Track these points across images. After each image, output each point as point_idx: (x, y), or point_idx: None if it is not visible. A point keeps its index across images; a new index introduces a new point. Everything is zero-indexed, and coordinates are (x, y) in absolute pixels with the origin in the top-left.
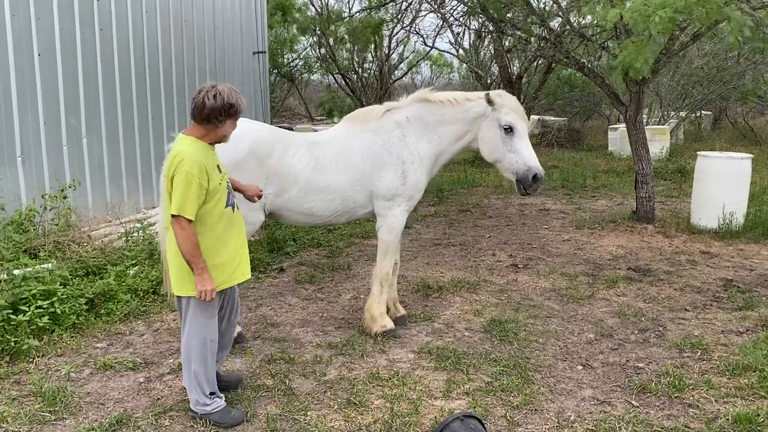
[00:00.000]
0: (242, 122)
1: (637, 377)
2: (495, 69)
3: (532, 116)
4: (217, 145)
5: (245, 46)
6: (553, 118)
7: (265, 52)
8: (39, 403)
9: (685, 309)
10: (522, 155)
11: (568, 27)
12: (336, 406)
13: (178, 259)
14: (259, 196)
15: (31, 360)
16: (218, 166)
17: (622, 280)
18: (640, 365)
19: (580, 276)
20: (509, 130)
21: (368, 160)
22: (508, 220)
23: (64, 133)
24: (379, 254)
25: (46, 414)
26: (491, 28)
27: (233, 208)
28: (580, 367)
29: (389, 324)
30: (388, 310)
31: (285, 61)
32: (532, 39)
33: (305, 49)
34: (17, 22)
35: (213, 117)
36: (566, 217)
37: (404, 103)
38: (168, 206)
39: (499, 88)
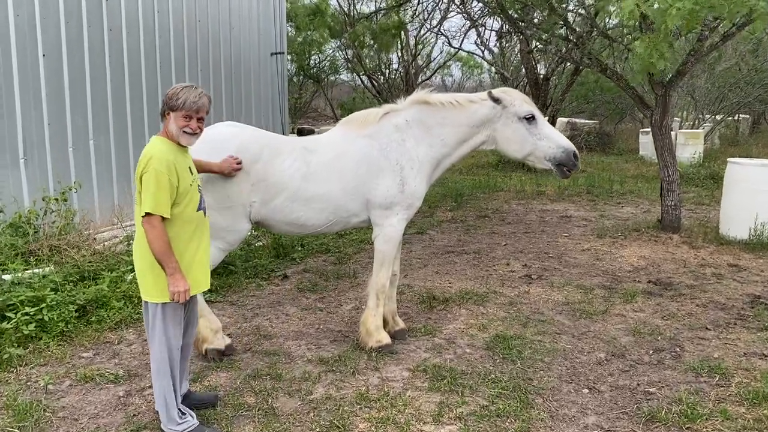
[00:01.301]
0: (228, 126)
1: (647, 404)
2: (523, 70)
3: (560, 119)
4: (201, 150)
5: (263, 46)
6: (583, 121)
7: (283, 52)
8: (9, 418)
9: (706, 328)
10: (553, 139)
11: (592, 27)
12: (318, 429)
13: (146, 263)
14: (237, 168)
15: (12, 369)
16: (189, 167)
17: (640, 294)
18: (651, 390)
19: (596, 289)
20: (531, 118)
21: (364, 166)
22: (527, 227)
23: (69, 134)
24: (375, 265)
25: (15, 430)
26: (511, 29)
27: (204, 213)
28: (586, 391)
29: (385, 339)
30: (386, 324)
31: (312, 62)
32: (555, 40)
33: (333, 51)
34: (21, 21)
35: (162, 112)
36: (588, 225)
37: (403, 105)
38: (140, 207)
39: (525, 90)
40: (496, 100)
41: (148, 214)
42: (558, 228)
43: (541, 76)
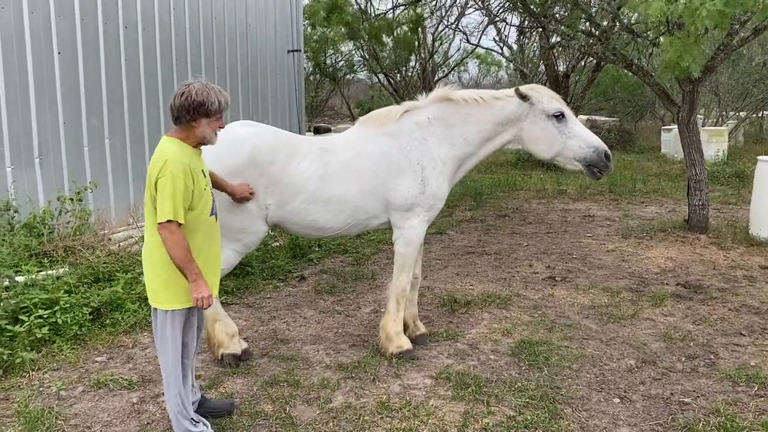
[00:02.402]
0: (245, 125)
1: (682, 415)
2: (542, 67)
3: (579, 116)
4: (215, 151)
5: (279, 44)
6: (603, 118)
7: (300, 50)
8: (21, 425)
9: (741, 333)
10: (583, 138)
11: (616, 22)
12: None
13: (155, 268)
14: (249, 197)
15: (25, 374)
16: (203, 170)
17: (669, 298)
18: (686, 400)
19: (623, 292)
20: (561, 116)
21: (383, 166)
22: (548, 227)
23: (85, 133)
24: (395, 269)
25: None
26: (532, 24)
27: (216, 217)
28: (617, 400)
29: (406, 344)
30: (406, 328)
31: (329, 60)
32: (578, 35)
33: (350, 51)
34: (36, 20)
35: (182, 117)
36: (612, 225)
37: (425, 102)
38: (151, 211)
39: (545, 86)
40: (524, 97)
41: (168, 221)
42: (581, 228)
43: (561, 73)
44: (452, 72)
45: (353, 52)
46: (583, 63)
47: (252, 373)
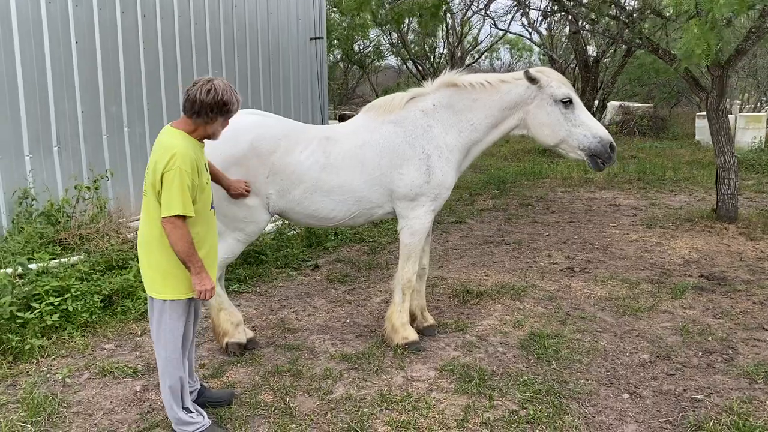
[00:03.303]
0: (247, 114)
1: (694, 412)
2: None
3: (611, 102)
4: (219, 141)
5: (301, 31)
6: (636, 105)
7: (322, 37)
8: (24, 412)
9: (763, 328)
10: (589, 127)
11: (644, 4)
12: None
13: (153, 258)
14: (245, 195)
15: (34, 360)
16: (205, 164)
17: (691, 290)
18: (699, 397)
19: (642, 283)
20: (568, 102)
21: (387, 155)
22: (572, 216)
23: (103, 122)
24: (400, 259)
25: (27, 425)
26: (556, 7)
27: (214, 210)
28: (626, 396)
29: (412, 336)
30: (414, 319)
31: (357, 48)
32: (602, 19)
33: (377, 35)
34: (53, 9)
35: (204, 113)
36: (637, 214)
37: (430, 88)
38: (153, 202)
39: (574, 72)
40: (533, 80)
41: (175, 216)
42: (605, 217)
43: (591, 58)
44: (482, 58)
45: (381, 38)
46: (614, 48)
47: (256, 362)
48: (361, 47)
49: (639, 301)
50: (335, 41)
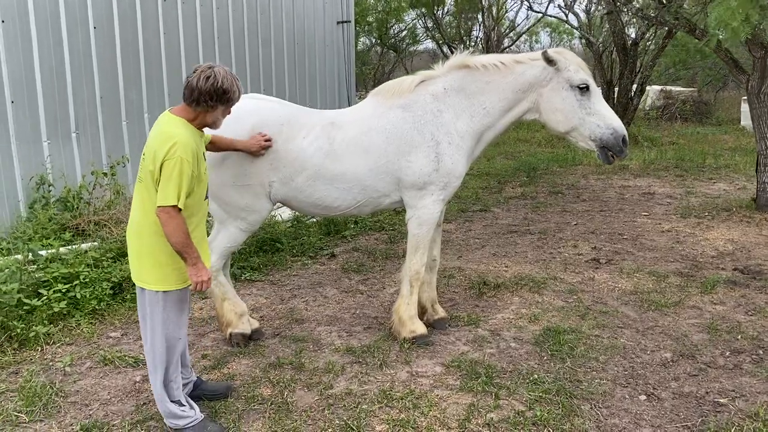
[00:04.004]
0: (249, 99)
1: (715, 417)
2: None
3: (653, 86)
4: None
5: (328, 15)
6: (679, 89)
7: (350, 21)
8: (21, 400)
9: None
10: (604, 117)
11: None
12: (329, 429)
13: (144, 248)
14: (267, 145)
15: (39, 348)
16: (203, 153)
17: (722, 284)
18: (721, 400)
19: (671, 276)
20: (585, 89)
21: (394, 142)
22: (603, 205)
23: (123, 107)
24: (408, 250)
25: (22, 414)
26: None
27: (207, 200)
28: (643, 397)
29: (420, 329)
30: (425, 312)
31: (392, 32)
32: None
33: (413, 20)
34: None
35: (203, 101)
36: (672, 203)
37: (441, 71)
38: (149, 190)
39: (611, 55)
40: (550, 61)
41: (168, 205)
42: (638, 206)
43: (630, 41)
44: (520, 41)
45: (416, 22)
46: (654, 30)
47: (259, 353)
48: (396, 31)
49: (666, 296)
50: (370, 25)
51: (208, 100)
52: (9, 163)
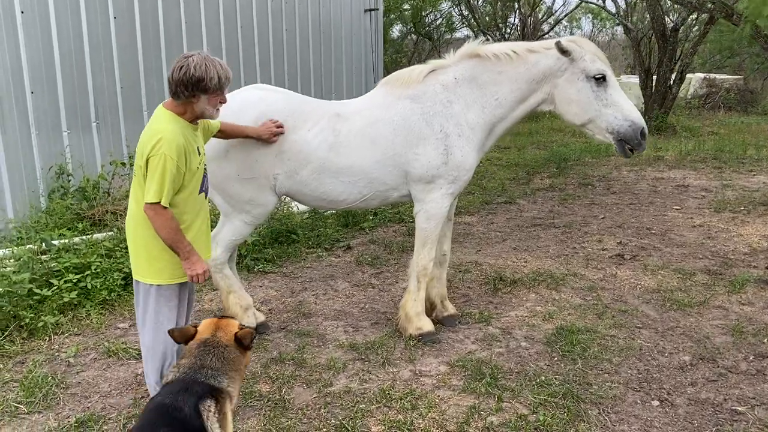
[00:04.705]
0: (255, 89)
1: (731, 426)
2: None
3: (695, 74)
4: (221, 116)
5: (355, 2)
6: (723, 77)
7: (377, 9)
8: (22, 391)
9: None
10: (621, 108)
11: None
12: (324, 429)
13: (139, 241)
14: (279, 132)
15: (47, 338)
16: (198, 148)
17: (752, 283)
18: (740, 408)
19: (698, 274)
20: (601, 79)
21: (401, 134)
22: (633, 198)
23: (144, 97)
24: (416, 245)
25: (21, 405)
26: None
27: (206, 194)
28: (656, 403)
29: (426, 326)
30: (434, 308)
31: (427, 20)
32: None
33: (449, 8)
34: None
35: (179, 92)
36: (707, 197)
37: (451, 60)
38: (140, 183)
39: (650, 42)
40: (564, 52)
41: (153, 202)
42: (670, 199)
43: (670, 27)
44: (561, 28)
45: (452, 10)
46: (695, 15)
47: (262, 348)
48: (431, 19)
49: (690, 295)
50: (405, 13)
51: (183, 90)
52: (29, 153)
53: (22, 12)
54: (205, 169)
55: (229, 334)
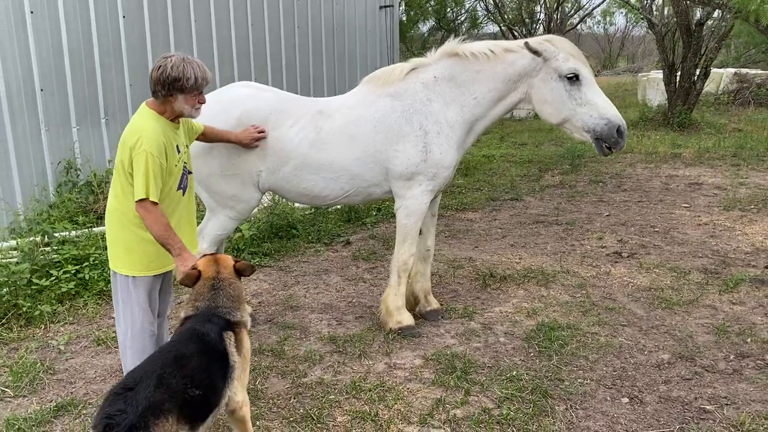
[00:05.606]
0: (241, 87)
1: (696, 425)
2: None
3: (726, 69)
4: (206, 114)
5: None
6: (755, 71)
7: (392, 5)
8: (10, 376)
9: None
10: (596, 106)
11: None
12: (291, 418)
13: (119, 233)
14: (260, 137)
15: (43, 326)
16: (177, 146)
17: (747, 283)
18: (708, 407)
19: (693, 272)
20: (574, 78)
21: (382, 131)
22: (643, 195)
23: None
24: (397, 241)
25: (8, 389)
26: None
27: (183, 191)
28: (625, 400)
29: (406, 320)
30: (417, 303)
31: (451, 15)
32: None
33: (474, 2)
34: None
35: (158, 90)
36: (719, 195)
37: (432, 59)
38: (119, 177)
39: (674, 36)
40: (535, 52)
41: (142, 199)
42: (680, 197)
43: (695, 21)
44: (595, 23)
45: (477, 4)
46: (722, 10)
47: None
48: (455, 15)
49: (681, 293)
50: (428, 9)
51: (161, 89)
52: (38, 149)
53: (32, 12)
54: (184, 166)
55: (228, 268)
